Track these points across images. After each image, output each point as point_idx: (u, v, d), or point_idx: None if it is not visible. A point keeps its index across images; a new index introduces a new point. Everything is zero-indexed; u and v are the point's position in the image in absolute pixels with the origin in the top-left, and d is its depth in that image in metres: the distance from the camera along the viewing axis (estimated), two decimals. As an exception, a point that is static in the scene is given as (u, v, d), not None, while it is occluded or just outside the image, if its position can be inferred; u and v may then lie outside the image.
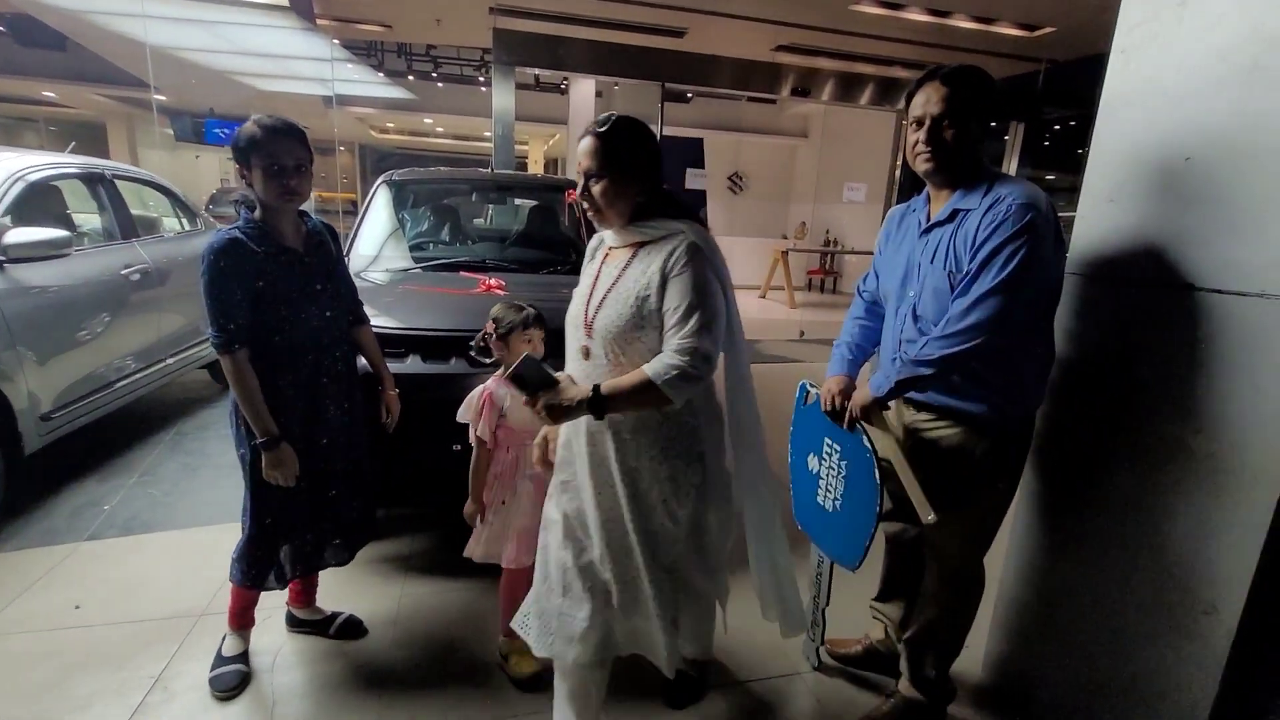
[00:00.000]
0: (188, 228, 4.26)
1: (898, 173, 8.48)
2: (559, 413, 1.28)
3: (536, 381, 1.29)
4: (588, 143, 1.36)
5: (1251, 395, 1.24)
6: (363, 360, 1.93)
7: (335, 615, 2.01)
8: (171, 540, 2.51)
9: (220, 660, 1.80)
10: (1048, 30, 6.68)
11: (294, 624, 2.00)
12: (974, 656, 1.97)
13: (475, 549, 1.87)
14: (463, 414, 1.81)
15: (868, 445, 1.47)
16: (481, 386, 1.82)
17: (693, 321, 1.27)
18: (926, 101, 1.43)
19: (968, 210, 1.40)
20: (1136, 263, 1.45)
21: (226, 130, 11.23)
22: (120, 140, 15.12)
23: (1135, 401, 1.45)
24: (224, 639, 1.84)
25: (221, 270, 1.55)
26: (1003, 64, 7.91)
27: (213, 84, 11.28)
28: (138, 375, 3.31)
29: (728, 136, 12.34)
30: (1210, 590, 1.32)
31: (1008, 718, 1.78)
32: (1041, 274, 1.34)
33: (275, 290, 1.60)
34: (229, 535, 1.88)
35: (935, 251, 1.46)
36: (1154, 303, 1.41)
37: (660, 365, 1.26)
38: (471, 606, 2.15)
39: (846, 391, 1.57)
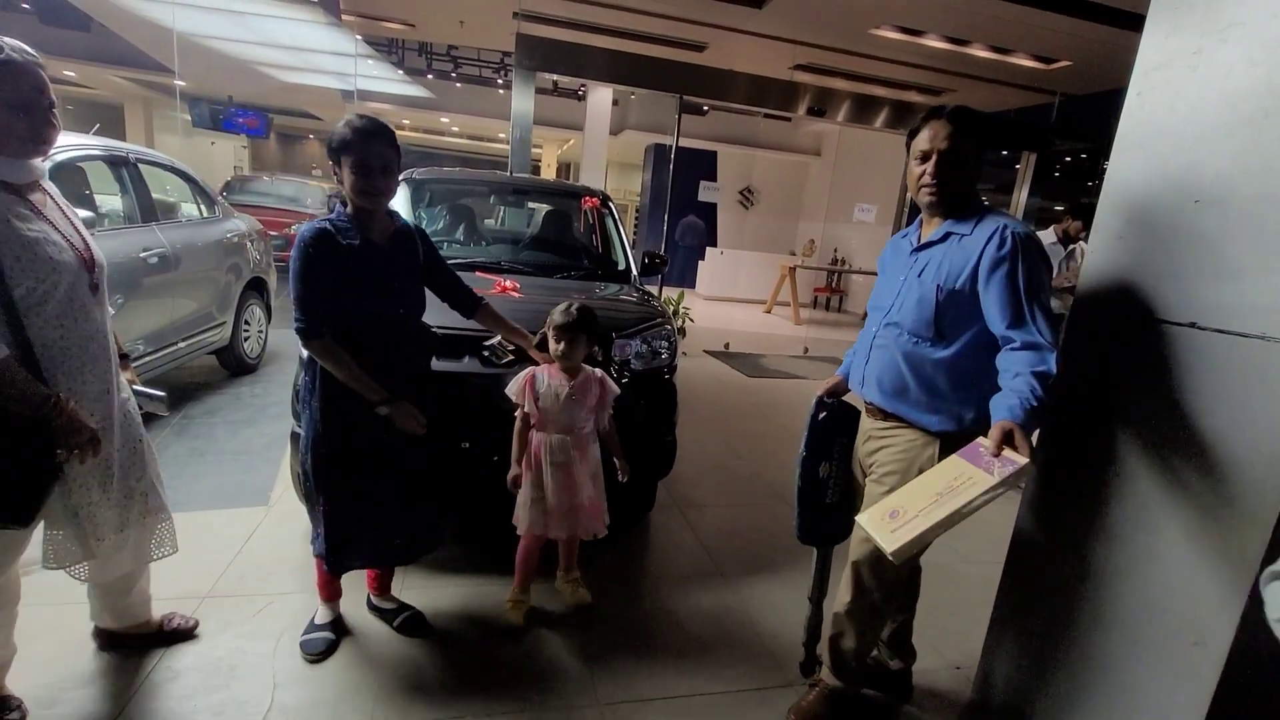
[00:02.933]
0: (205, 214, 4.32)
1: (909, 195, 8.52)
2: None
3: None
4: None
5: (1249, 435, 1.27)
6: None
7: (403, 609, 2.04)
8: (178, 523, 2.53)
9: (311, 627, 1.93)
10: (1063, 64, 6.76)
11: (370, 608, 2.08)
12: (965, 676, 1.99)
13: (522, 522, 2.04)
14: (510, 388, 2.00)
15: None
16: (532, 368, 2.01)
17: None
18: (934, 138, 1.52)
19: (961, 235, 1.52)
20: (1143, 298, 1.49)
21: (244, 117, 11.33)
22: (137, 122, 15.23)
23: (1132, 433, 1.49)
24: (317, 609, 1.97)
25: (311, 259, 1.62)
26: (1017, 94, 8.00)
27: (234, 72, 11.38)
28: (147, 358, 3.35)
29: (741, 151, 12.44)
30: (1199, 623, 1.35)
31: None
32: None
33: (354, 282, 1.66)
34: (235, 519, 1.91)
35: (925, 267, 1.56)
36: (1158, 338, 1.45)
37: None
38: (470, 604, 2.17)
39: (834, 389, 1.83)
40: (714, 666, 1.99)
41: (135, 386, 1.72)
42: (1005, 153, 8.62)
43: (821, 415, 1.81)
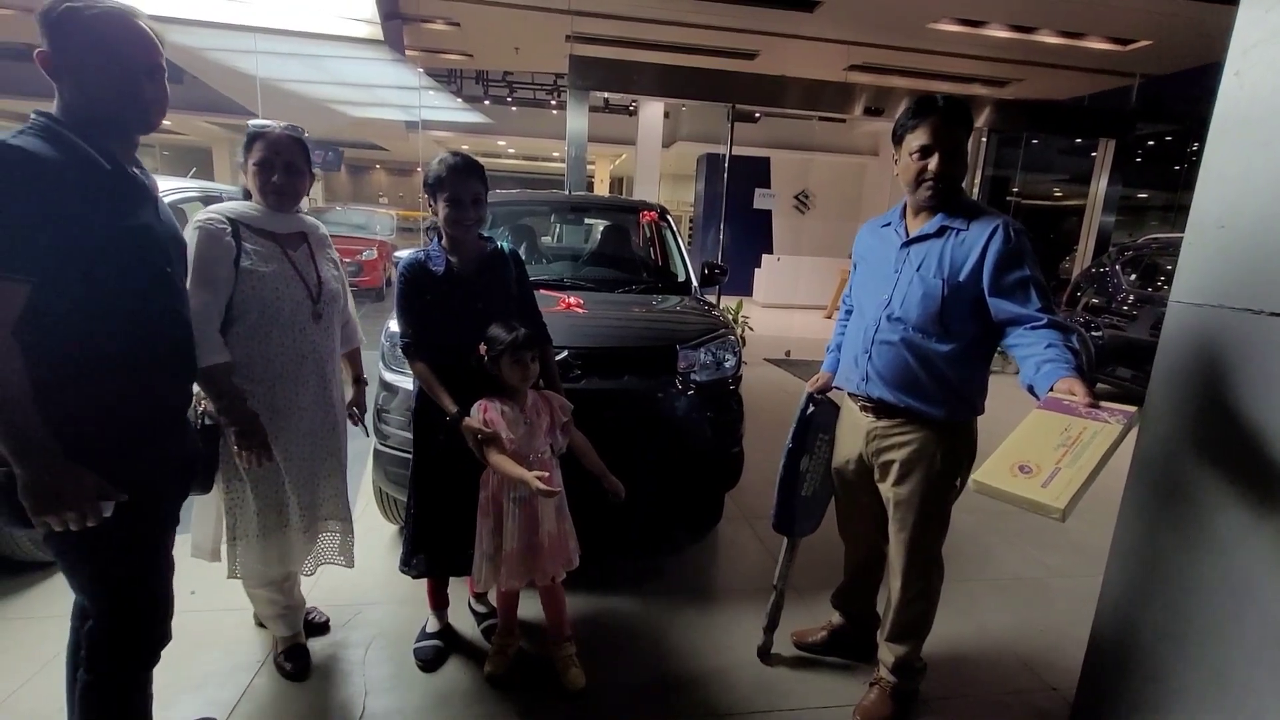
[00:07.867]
0: (288, 245, 4.60)
1: (975, 191, 8.20)
2: None
3: None
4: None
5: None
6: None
7: (492, 614, 2.10)
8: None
9: (422, 635, 2.02)
10: (1142, 44, 6.38)
11: (470, 609, 2.18)
12: (1064, 698, 1.88)
13: (480, 578, 1.82)
14: (472, 423, 1.73)
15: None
16: (482, 399, 1.77)
17: None
18: (934, 133, 1.50)
19: (959, 229, 1.53)
20: (1251, 290, 1.38)
21: (318, 153, 12.08)
22: (224, 163, 16.46)
23: (1246, 435, 1.37)
24: (428, 618, 2.06)
25: (404, 285, 1.81)
26: (1091, 79, 7.59)
27: (309, 111, 12.14)
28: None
29: (795, 155, 12.28)
30: (1338, 644, 1.22)
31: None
32: None
33: (440, 304, 1.80)
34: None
35: (924, 261, 1.56)
36: (1269, 332, 1.34)
37: None
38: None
39: (823, 386, 1.87)
40: (787, 681, 1.95)
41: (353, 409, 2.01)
42: (1079, 140, 8.18)
43: (810, 410, 1.85)
